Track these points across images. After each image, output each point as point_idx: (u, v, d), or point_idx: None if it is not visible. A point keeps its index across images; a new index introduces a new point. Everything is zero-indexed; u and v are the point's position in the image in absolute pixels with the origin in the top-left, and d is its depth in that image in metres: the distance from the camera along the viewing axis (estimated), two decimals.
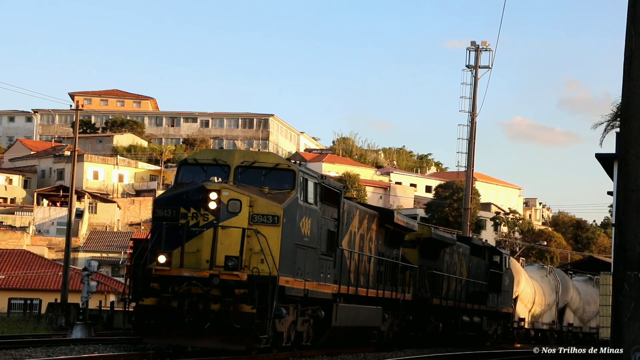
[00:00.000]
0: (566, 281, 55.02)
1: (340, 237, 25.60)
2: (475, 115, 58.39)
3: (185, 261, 20.98)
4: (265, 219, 21.25)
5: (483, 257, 42.52)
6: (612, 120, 37.04)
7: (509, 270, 45.31)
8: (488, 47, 59.12)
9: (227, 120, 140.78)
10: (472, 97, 58.65)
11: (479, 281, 41.42)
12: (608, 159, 30.45)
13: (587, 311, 57.69)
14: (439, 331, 36.84)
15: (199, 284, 20.73)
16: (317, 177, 23.73)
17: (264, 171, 22.23)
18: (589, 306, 57.58)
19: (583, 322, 57.55)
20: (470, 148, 58.58)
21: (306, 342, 24.33)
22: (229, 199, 21.16)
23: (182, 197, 21.34)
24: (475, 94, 58.66)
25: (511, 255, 59.93)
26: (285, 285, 21.58)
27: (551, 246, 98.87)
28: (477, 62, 58.69)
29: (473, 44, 58.94)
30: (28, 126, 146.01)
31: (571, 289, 55.47)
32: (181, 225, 21.01)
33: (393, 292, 30.56)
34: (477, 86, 58.66)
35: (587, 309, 57.67)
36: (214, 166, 22.26)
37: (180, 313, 20.60)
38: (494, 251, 44.20)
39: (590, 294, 57.86)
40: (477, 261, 41.54)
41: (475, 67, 58.78)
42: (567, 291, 54.98)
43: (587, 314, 57.74)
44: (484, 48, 59.01)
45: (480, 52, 58.88)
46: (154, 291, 20.99)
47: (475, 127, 58.59)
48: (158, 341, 21.12)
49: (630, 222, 11.55)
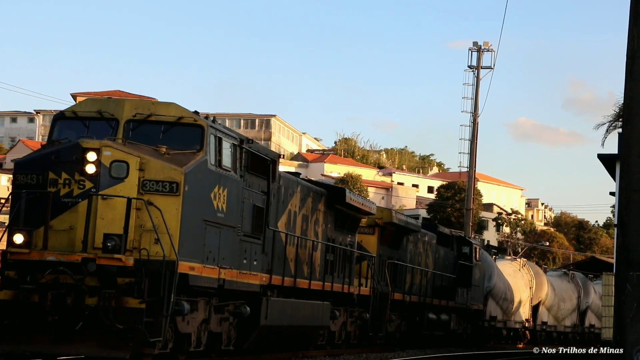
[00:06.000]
0: (540, 276, 49.28)
1: (274, 216, 19.81)
2: (478, 116, 56.17)
3: (54, 242, 15.18)
4: (160, 187, 15.42)
5: (451, 247, 36.77)
6: (614, 121, 35.12)
7: (480, 262, 39.52)
8: (490, 48, 57.10)
9: (230, 121, 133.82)
10: (474, 97, 56.39)
11: (447, 274, 35.66)
12: (610, 160, 29.32)
13: (561, 309, 52.02)
14: (402, 330, 31.09)
15: (68, 272, 14.87)
16: (238, 138, 17.88)
17: (164, 127, 16.30)
18: (564, 303, 52.01)
19: (557, 320, 51.85)
20: (472, 148, 56.26)
21: (227, 346, 18.48)
22: (112, 160, 15.33)
23: (51, 158, 15.48)
24: (478, 94, 56.44)
25: (514, 255, 55.51)
26: (189, 272, 15.78)
27: (553, 247, 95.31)
28: (479, 63, 56.60)
29: (475, 44, 56.73)
30: (30, 127, 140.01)
31: (545, 284, 49.72)
32: (47, 194, 15.15)
33: (345, 284, 24.80)
34: (479, 87, 56.53)
35: (561, 307, 52.01)
36: (98, 120, 16.35)
37: (42, 310, 14.74)
38: (462, 241, 38.44)
39: (565, 290, 52.33)
40: (444, 252, 35.79)
41: (477, 68, 56.59)
42: (541, 287, 49.23)
43: (561, 311, 52.07)
44: (486, 49, 56.95)
45: (483, 52, 56.76)
46: (10, 281, 15.14)
47: (477, 128, 56.44)
48: (13, 348, 15.13)
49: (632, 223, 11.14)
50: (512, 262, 47.92)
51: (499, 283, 43.54)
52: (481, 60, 56.50)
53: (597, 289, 52.71)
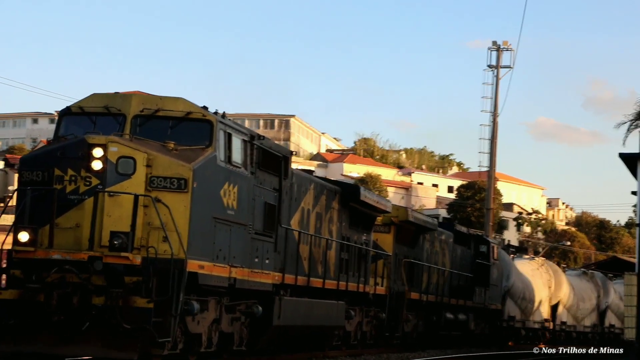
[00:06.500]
0: (559, 275, 48.56)
1: (286, 214, 19.34)
2: (497, 115, 55.49)
3: (60, 240, 14.75)
4: (168, 183, 14.97)
5: (468, 246, 36.18)
6: (635, 120, 33.95)
7: (498, 261, 38.91)
8: (509, 47, 56.42)
9: (249, 121, 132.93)
10: (494, 97, 55.66)
11: (464, 273, 35.07)
12: (632, 159, 28.64)
13: (581, 308, 51.26)
14: (419, 330, 30.57)
15: (74, 270, 14.45)
16: (248, 134, 17.42)
17: (172, 122, 15.83)
18: (583, 303, 51.24)
19: (577, 320, 51.10)
20: (492, 148, 55.58)
21: (239, 347, 18.02)
22: (119, 156, 14.89)
23: (57, 154, 15.06)
24: (497, 93, 55.74)
25: (535, 255, 55.04)
26: (198, 271, 15.31)
27: (574, 246, 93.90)
28: (499, 62, 55.90)
29: (494, 43, 56.15)
30: (52, 128, 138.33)
31: (565, 283, 48.99)
32: (53, 191, 14.74)
33: (361, 284, 24.30)
34: (498, 86, 55.87)
35: (581, 306, 51.24)
36: (105, 116, 15.91)
37: (48, 309, 14.33)
38: (480, 240, 37.82)
39: (584, 290, 51.54)
40: (461, 250, 35.20)
41: (496, 67, 55.90)
42: (561, 286, 48.51)
43: (580, 311, 51.30)
44: (505, 48, 56.27)
45: (502, 52, 56.06)
46: (16, 280, 14.73)
47: (497, 127, 55.74)
48: (17, 349, 14.70)
49: None
50: (530, 262, 47.25)
51: (517, 282, 42.94)
52: (500, 60, 55.94)
53: (616, 289, 52.03)
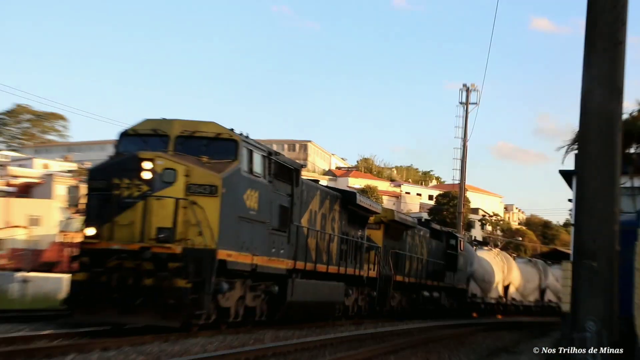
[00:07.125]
0: (511, 262, 47.70)
1: (297, 214, 18.72)
2: (467, 141, 54.88)
3: (118, 234, 14.22)
4: (202, 189, 14.43)
5: (441, 240, 35.42)
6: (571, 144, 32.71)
7: (464, 252, 38.14)
8: (476, 88, 56.14)
9: (277, 145, 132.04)
10: (464, 126, 55.19)
11: (438, 261, 34.33)
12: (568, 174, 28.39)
13: (527, 288, 50.37)
14: (402, 305, 29.86)
15: (129, 258, 13.89)
16: (267, 150, 16.86)
17: (205, 141, 15.33)
18: (529, 284, 50.34)
19: (523, 296, 50.23)
20: (462, 166, 54.96)
21: (260, 318, 17.41)
22: (164, 168, 14.37)
23: (115, 166, 14.55)
24: (467, 124, 55.25)
25: (494, 248, 54.34)
26: (226, 259, 14.74)
27: (524, 241, 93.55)
28: (468, 100, 55.31)
29: (464, 85, 55.86)
30: None
31: (515, 269, 48.10)
32: (113, 196, 14.20)
33: (357, 269, 23.63)
34: (467, 118, 55.32)
35: (527, 286, 50.35)
36: (153, 137, 15.41)
37: (109, 288, 13.76)
38: (450, 235, 37.02)
39: (529, 273, 50.58)
40: (436, 243, 34.46)
41: (466, 104, 55.41)
42: (511, 271, 47.64)
43: (527, 290, 50.42)
44: (473, 89, 55.80)
45: (470, 92, 55.39)
46: (84, 265, 14.18)
47: (467, 150, 55.10)
48: (88, 318, 14.16)
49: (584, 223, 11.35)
50: (489, 252, 46.39)
51: (479, 268, 42.14)
52: (469, 98, 55.43)
53: (554, 273, 51.21)
